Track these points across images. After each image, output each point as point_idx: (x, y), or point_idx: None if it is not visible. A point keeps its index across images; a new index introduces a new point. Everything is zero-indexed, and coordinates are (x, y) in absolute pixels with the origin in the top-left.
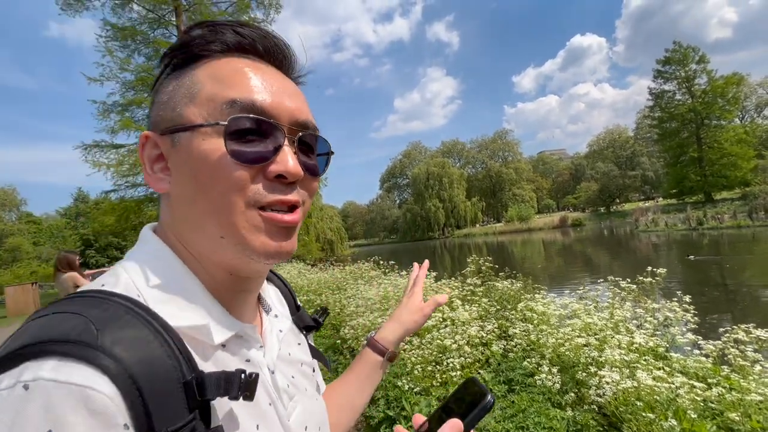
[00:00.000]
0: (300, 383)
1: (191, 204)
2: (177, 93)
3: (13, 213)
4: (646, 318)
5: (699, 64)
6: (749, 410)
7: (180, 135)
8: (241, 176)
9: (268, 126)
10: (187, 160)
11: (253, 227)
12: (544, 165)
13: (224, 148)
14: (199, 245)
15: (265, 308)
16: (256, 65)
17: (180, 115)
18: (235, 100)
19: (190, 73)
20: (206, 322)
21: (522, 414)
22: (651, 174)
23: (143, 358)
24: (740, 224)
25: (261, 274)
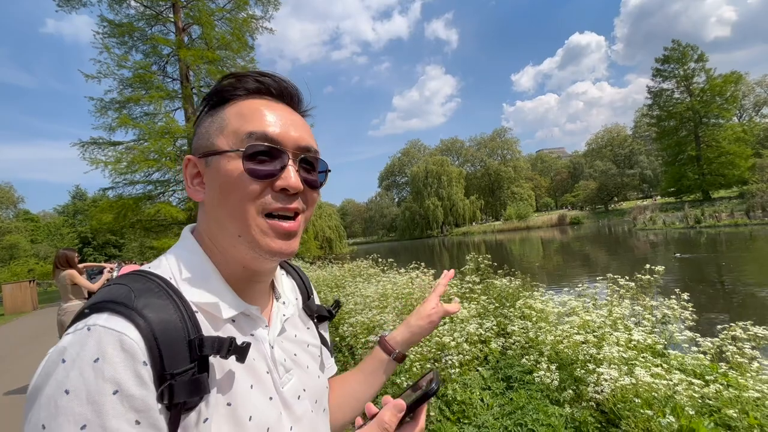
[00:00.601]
0: (302, 360)
1: (218, 209)
2: (211, 127)
3: (10, 211)
4: (644, 315)
5: (698, 63)
6: (746, 407)
7: (212, 158)
8: (254, 189)
9: (275, 150)
10: (216, 176)
11: (261, 231)
12: (543, 163)
13: (242, 167)
14: (223, 241)
15: (276, 296)
16: (270, 104)
17: (213, 144)
18: (252, 132)
19: (221, 112)
20: (216, 300)
21: (520, 411)
22: (649, 172)
23: (162, 318)
24: (737, 223)
25: (268, 270)
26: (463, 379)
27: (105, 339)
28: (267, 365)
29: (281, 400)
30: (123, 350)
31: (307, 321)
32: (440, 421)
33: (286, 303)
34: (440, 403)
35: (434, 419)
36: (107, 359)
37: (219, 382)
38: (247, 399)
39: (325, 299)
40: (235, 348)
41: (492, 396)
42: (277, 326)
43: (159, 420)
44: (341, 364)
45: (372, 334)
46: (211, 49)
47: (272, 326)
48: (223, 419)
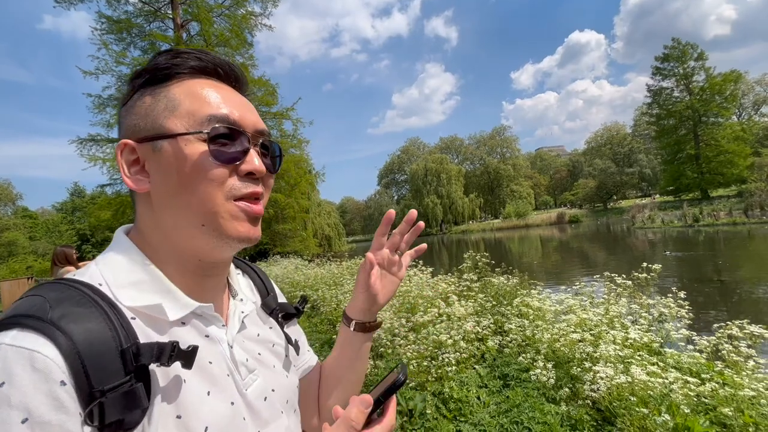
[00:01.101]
0: (268, 360)
1: (174, 198)
2: (156, 107)
3: (8, 208)
4: (641, 314)
5: (697, 62)
6: (742, 405)
7: (161, 142)
8: (219, 173)
9: (238, 134)
10: (171, 161)
11: (231, 216)
12: (542, 161)
13: (206, 151)
14: (177, 234)
15: (232, 293)
16: (220, 86)
17: (162, 126)
18: (212, 115)
19: (166, 90)
20: (159, 302)
21: (517, 409)
22: (648, 171)
23: (86, 329)
24: (736, 221)
25: (225, 261)
26: (460, 377)
27: (11, 359)
28: (227, 367)
29: (245, 403)
30: (34, 370)
31: (267, 320)
32: (437, 418)
33: (244, 300)
34: (437, 401)
35: (431, 417)
36: (14, 382)
37: (164, 393)
38: (203, 408)
39: (323, 297)
40: (179, 353)
41: (488, 394)
42: (236, 324)
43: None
44: None
45: None
46: (209, 46)
47: (230, 325)
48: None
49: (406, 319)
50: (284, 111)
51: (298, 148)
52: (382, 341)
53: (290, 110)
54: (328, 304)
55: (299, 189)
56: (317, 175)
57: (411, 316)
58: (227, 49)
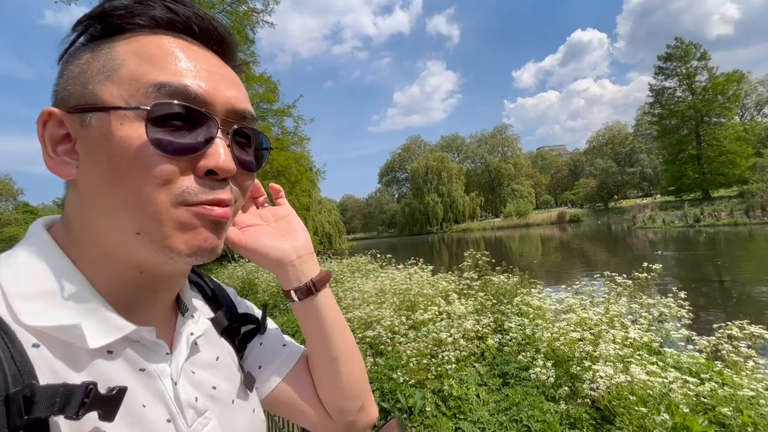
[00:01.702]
0: (225, 394)
1: (106, 193)
2: (91, 67)
3: (9, 203)
4: (641, 313)
5: (700, 61)
6: (741, 405)
7: (92, 115)
8: (166, 170)
9: (200, 115)
10: (101, 143)
11: (179, 225)
12: (543, 161)
13: (145, 135)
14: (108, 238)
15: (181, 309)
16: (190, 47)
17: (93, 93)
18: (163, 83)
19: (109, 46)
20: (77, 322)
21: (516, 407)
22: (649, 171)
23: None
24: (737, 222)
25: (179, 274)
26: (460, 375)
27: None
28: (167, 410)
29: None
30: None
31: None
32: (436, 416)
33: (196, 318)
34: (436, 399)
35: (430, 414)
36: None
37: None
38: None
39: None
40: (97, 399)
41: (488, 392)
42: (183, 351)
43: None
44: None
45: (369, 329)
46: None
47: (176, 353)
48: None
49: (406, 317)
50: (286, 108)
51: (299, 146)
52: (382, 339)
53: (292, 107)
54: None
55: (300, 186)
56: (318, 173)
57: (411, 314)
58: None
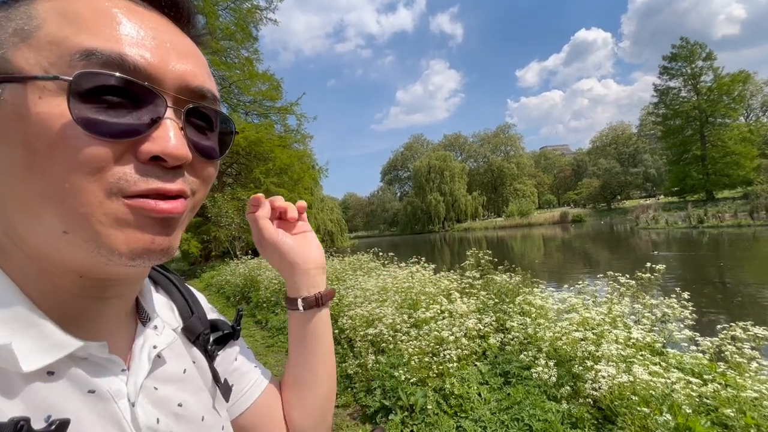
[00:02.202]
0: (193, 411)
1: (22, 182)
2: (4, 28)
3: None
4: (644, 314)
5: (705, 61)
6: (744, 407)
7: (4, 87)
8: (96, 154)
9: (144, 91)
10: (15, 122)
11: (115, 221)
12: (546, 160)
13: (68, 112)
14: (33, 240)
15: (141, 318)
16: (134, 8)
17: (5, 60)
18: (92, 49)
19: (28, 3)
20: (6, 341)
21: (517, 406)
22: (653, 171)
23: None
24: (741, 223)
25: (131, 277)
26: (461, 373)
27: None
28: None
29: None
30: None
31: (191, 350)
32: (437, 414)
33: (160, 327)
34: (438, 397)
35: (431, 412)
36: None
37: None
38: None
39: None
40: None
41: (489, 391)
42: (144, 367)
43: None
44: (340, 357)
45: (371, 327)
46: (215, 40)
47: (134, 369)
48: None
49: (408, 315)
50: (288, 106)
51: (302, 143)
52: (384, 337)
53: (294, 105)
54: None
55: (302, 184)
56: (320, 171)
57: (413, 312)
58: (232, 42)
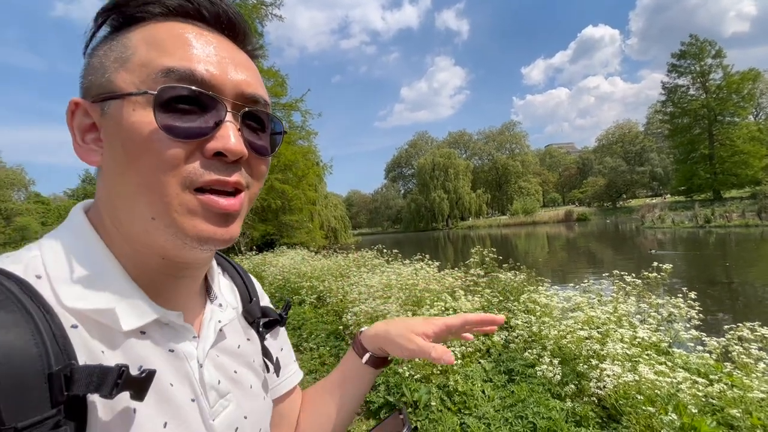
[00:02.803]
0: (245, 379)
1: (122, 179)
2: (108, 57)
3: (21, 193)
4: (650, 313)
5: (715, 59)
6: (750, 407)
7: (110, 103)
8: (174, 153)
9: (208, 99)
10: (117, 130)
11: (187, 211)
12: (552, 158)
13: (154, 120)
14: (129, 224)
15: (210, 297)
16: (200, 32)
17: (110, 81)
18: (171, 68)
19: (124, 36)
20: (112, 306)
21: (521, 404)
22: (660, 170)
23: (2, 343)
24: (748, 223)
25: (199, 261)
26: (465, 370)
27: None
28: (192, 390)
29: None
30: None
31: (247, 330)
32: (441, 411)
33: (224, 306)
34: (441, 394)
35: (435, 409)
36: None
37: (106, 428)
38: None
39: (329, 288)
40: (129, 380)
41: (493, 388)
42: (210, 336)
43: None
44: (344, 353)
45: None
46: None
47: (203, 337)
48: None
49: (412, 312)
50: (293, 102)
51: (307, 140)
52: None
53: (299, 101)
54: (334, 295)
55: (307, 180)
56: (325, 167)
57: (417, 309)
58: None
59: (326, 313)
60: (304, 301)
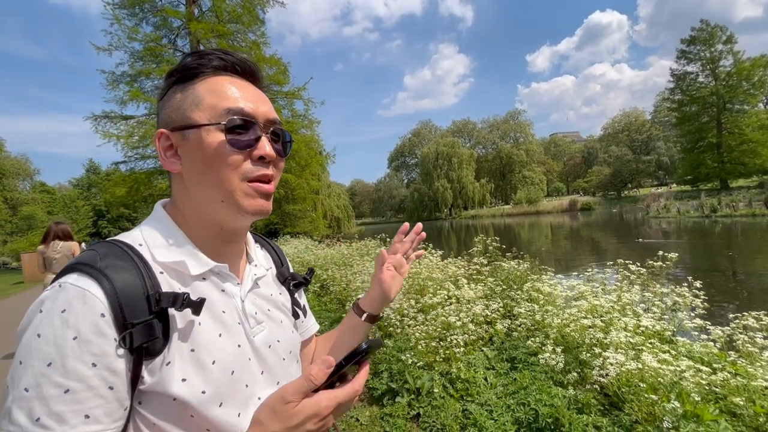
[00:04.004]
0: (276, 316)
1: (201, 178)
2: (185, 102)
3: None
4: (654, 302)
5: (726, 45)
6: (753, 396)
7: (189, 131)
8: (236, 158)
9: (251, 124)
10: (197, 148)
11: (245, 194)
12: (556, 147)
13: (224, 139)
14: (204, 208)
15: (249, 260)
16: (237, 82)
17: (189, 118)
18: (230, 108)
19: (192, 87)
20: (183, 259)
21: (524, 391)
22: (666, 159)
23: (123, 277)
24: (755, 213)
25: (242, 230)
26: (468, 358)
27: (71, 294)
28: (238, 316)
29: (252, 347)
30: (84, 303)
31: (280, 287)
32: (444, 397)
33: (258, 266)
34: (444, 381)
35: (438, 395)
36: (71, 311)
37: (181, 332)
38: (213, 345)
39: (333, 276)
40: (190, 302)
41: (496, 376)
42: (249, 284)
43: (115, 363)
44: None
45: None
46: (221, 23)
47: (244, 283)
48: (186, 362)
49: (415, 301)
50: (296, 90)
51: (309, 129)
52: (391, 321)
53: (302, 90)
54: (338, 283)
55: (310, 170)
56: (328, 157)
57: (420, 298)
58: (239, 25)
59: (330, 301)
60: (307, 290)
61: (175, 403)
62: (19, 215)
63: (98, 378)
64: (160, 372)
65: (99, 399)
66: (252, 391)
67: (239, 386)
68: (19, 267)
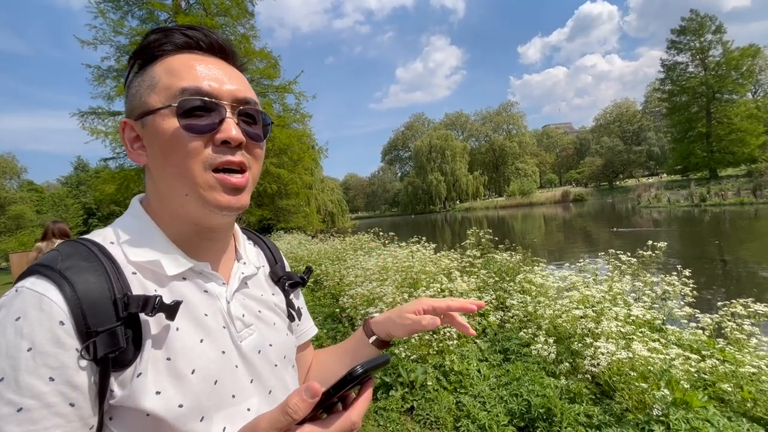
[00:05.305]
0: (268, 318)
1: (162, 170)
2: (141, 86)
3: (13, 181)
4: (644, 291)
5: (715, 35)
6: (741, 381)
7: (147, 118)
8: (194, 145)
9: (211, 104)
10: (154, 136)
11: (209, 186)
12: (549, 139)
13: (178, 123)
14: (171, 202)
15: (237, 257)
16: (201, 58)
17: (145, 103)
18: (185, 87)
19: (150, 69)
20: (158, 258)
21: (516, 382)
22: (657, 149)
23: (86, 279)
24: (743, 201)
25: (223, 226)
26: (461, 350)
27: (27, 300)
28: (222, 319)
29: (239, 353)
30: (41, 310)
31: (273, 287)
32: (437, 390)
33: (247, 263)
34: (438, 373)
35: (431, 388)
36: (26, 318)
37: (155, 339)
38: (192, 352)
39: (326, 271)
40: (162, 306)
41: (489, 367)
42: (235, 283)
43: (76, 377)
44: (342, 335)
45: (371, 306)
46: (209, 16)
47: (230, 283)
48: (161, 373)
49: (408, 294)
50: (287, 84)
51: (301, 123)
52: None
53: (293, 83)
54: (331, 278)
55: (302, 164)
56: (320, 151)
57: (413, 291)
58: (227, 18)
59: (323, 296)
60: None
61: (148, 418)
62: (7, 214)
63: (56, 394)
64: (131, 384)
65: (57, 418)
66: (239, 402)
67: (224, 397)
68: (8, 267)
